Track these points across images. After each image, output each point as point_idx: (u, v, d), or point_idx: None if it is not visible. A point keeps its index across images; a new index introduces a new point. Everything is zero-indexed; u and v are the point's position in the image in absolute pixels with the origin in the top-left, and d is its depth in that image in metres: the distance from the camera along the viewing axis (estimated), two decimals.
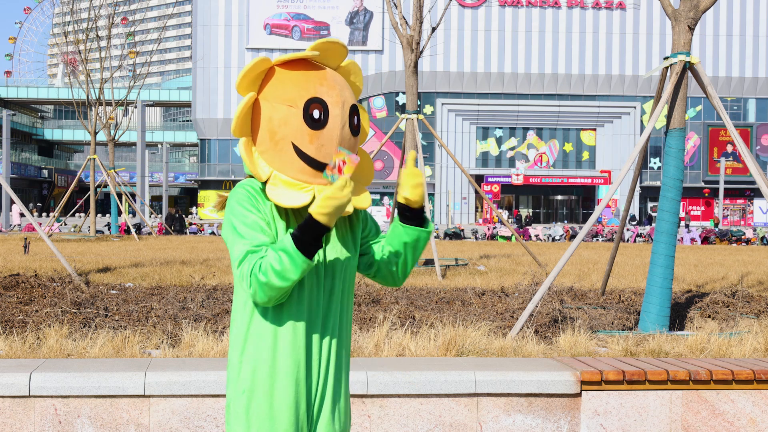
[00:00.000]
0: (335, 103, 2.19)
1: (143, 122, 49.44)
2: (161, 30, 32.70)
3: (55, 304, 7.33)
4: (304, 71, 2.20)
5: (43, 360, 4.92)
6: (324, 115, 2.17)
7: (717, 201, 57.37)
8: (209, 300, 7.70)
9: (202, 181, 68.15)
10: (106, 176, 28.07)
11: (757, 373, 4.84)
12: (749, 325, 6.68)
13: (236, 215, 2.17)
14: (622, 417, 4.79)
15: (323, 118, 2.17)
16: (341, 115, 2.20)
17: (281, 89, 2.17)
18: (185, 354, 5.37)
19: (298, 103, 2.16)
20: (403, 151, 14.69)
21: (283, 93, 2.17)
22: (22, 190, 75.32)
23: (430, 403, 4.68)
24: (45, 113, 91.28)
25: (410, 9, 14.50)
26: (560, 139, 65.78)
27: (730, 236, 32.70)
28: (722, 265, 15.51)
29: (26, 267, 11.84)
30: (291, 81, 2.18)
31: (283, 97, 2.17)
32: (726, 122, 6.95)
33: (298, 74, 2.19)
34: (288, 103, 2.16)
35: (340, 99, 2.21)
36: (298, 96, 2.16)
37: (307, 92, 2.17)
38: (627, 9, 64.92)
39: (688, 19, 7.00)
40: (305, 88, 2.17)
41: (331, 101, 2.19)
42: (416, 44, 14.32)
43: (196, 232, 35.22)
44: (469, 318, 6.84)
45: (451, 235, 33.91)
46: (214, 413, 4.56)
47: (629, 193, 8.18)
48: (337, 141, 2.20)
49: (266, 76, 2.21)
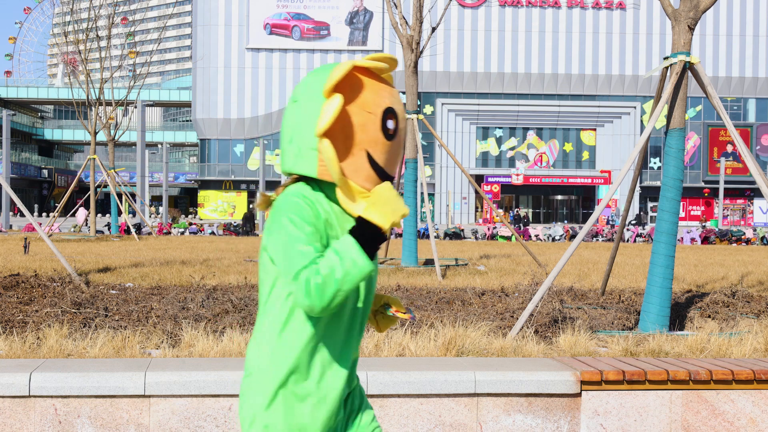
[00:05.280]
0: (402, 117, 2.20)
1: (143, 122, 49.44)
2: (161, 30, 32.69)
3: (55, 304, 7.33)
4: (377, 81, 2.17)
5: (43, 360, 4.92)
6: (396, 126, 2.16)
7: (717, 201, 57.34)
8: (209, 300, 7.70)
9: (202, 181, 68.13)
10: (106, 176, 28.06)
11: (757, 373, 4.84)
12: (749, 325, 6.68)
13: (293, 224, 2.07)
14: (622, 417, 4.79)
15: (395, 129, 2.16)
16: (404, 128, 2.21)
17: (361, 94, 2.13)
18: (185, 354, 5.37)
19: (376, 111, 2.13)
20: (402, 151, 14.67)
21: (363, 98, 2.13)
22: (22, 190, 75.31)
23: (430, 403, 4.68)
24: (45, 113, 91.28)
25: (410, 9, 14.50)
26: (560, 139, 65.78)
27: (730, 236, 32.69)
28: (722, 265, 15.51)
29: (26, 267, 11.84)
30: (369, 87, 2.14)
31: (363, 103, 2.12)
32: (726, 122, 6.95)
33: (373, 82, 2.16)
34: (368, 109, 2.12)
35: (404, 112, 2.21)
36: (375, 104, 2.13)
37: (384, 101, 2.14)
38: (627, 9, 64.91)
39: (688, 19, 7.00)
40: (381, 96, 2.14)
41: (400, 114, 2.19)
42: (416, 44, 14.32)
43: (196, 232, 35.20)
44: (469, 318, 6.83)
45: (451, 235, 33.91)
46: (214, 413, 4.56)
47: (629, 193, 8.18)
48: (400, 154, 2.21)
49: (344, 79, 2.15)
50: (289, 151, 2.17)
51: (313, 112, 2.12)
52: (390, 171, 2.17)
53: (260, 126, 65.42)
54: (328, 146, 2.08)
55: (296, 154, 2.15)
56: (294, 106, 2.18)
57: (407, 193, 14.43)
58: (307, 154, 2.13)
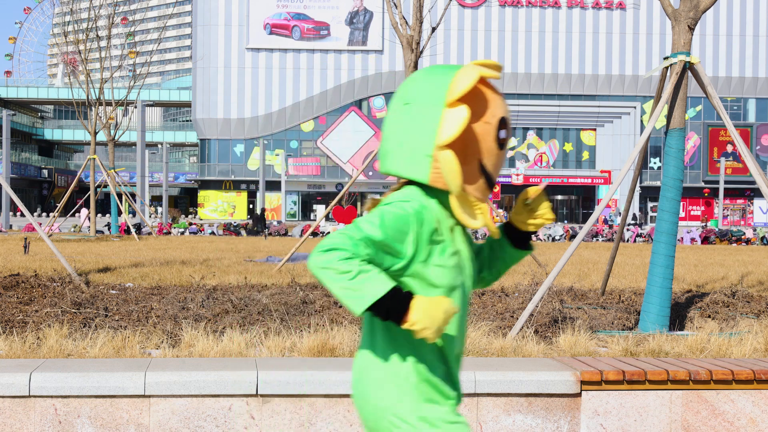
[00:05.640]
0: (510, 125, 2.17)
1: (143, 122, 49.41)
2: (161, 30, 32.69)
3: (55, 304, 7.33)
4: (491, 89, 2.13)
5: (43, 360, 4.92)
6: (507, 135, 2.14)
7: (717, 201, 57.37)
8: (209, 300, 7.70)
9: (202, 181, 68.14)
10: (106, 176, 28.06)
11: (757, 373, 4.84)
12: (749, 325, 6.68)
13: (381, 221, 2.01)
14: (622, 417, 4.79)
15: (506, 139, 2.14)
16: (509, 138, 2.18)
17: (480, 104, 2.09)
18: (185, 354, 5.37)
19: (492, 121, 2.10)
20: None
21: (482, 108, 2.09)
22: (22, 190, 75.33)
23: None
24: (45, 113, 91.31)
25: (410, 9, 14.50)
26: (560, 139, 65.81)
27: (730, 236, 32.69)
28: (722, 265, 15.51)
29: (26, 267, 11.84)
30: (487, 97, 2.11)
31: (481, 113, 2.09)
32: (726, 122, 6.95)
33: (489, 91, 2.12)
34: (485, 119, 2.09)
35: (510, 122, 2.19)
36: (491, 114, 2.10)
37: (498, 111, 2.11)
38: (627, 9, 64.94)
39: (688, 19, 7.00)
40: (497, 106, 2.12)
41: (509, 122, 2.16)
42: (416, 44, 14.32)
43: (196, 232, 35.20)
44: (469, 318, 6.84)
45: None
46: (214, 413, 4.56)
47: (629, 193, 8.18)
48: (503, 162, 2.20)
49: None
50: (398, 154, 2.11)
51: (431, 119, 2.07)
52: (495, 179, 2.16)
53: (260, 126, 65.45)
54: (451, 157, 2.05)
55: (408, 158, 2.10)
56: (405, 108, 2.11)
57: None
58: (420, 160, 2.08)
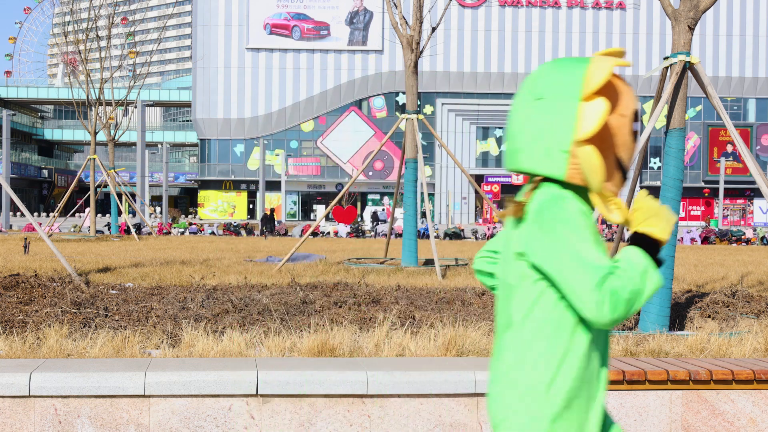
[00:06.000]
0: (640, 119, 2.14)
1: (143, 122, 49.44)
2: (161, 30, 32.70)
3: (55, 304, 7.33)
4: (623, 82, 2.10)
5: (43, 360, 4.91)
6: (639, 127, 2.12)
7: (717, 201, 57.36)
8: (209, 300, 7.70)
9: (202, 181, 68.15)
10: (106, 176, 28.07)
11: (757, 373, 4.84)
12: (749, 325, 6.68)
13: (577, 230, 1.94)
14: (622, 417, 4.79)
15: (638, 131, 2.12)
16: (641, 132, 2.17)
17: (615, 96, 2.06)
18: (185, 354, 5.37)
19: (627, 114, 2.07)
20: (402, 151, 14.67)
21: (616, 100, 2.06)
22: (22, 190, 75.35)
23: (430, 403, 4.68)
24: (45, 113, 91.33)
25: (410, 9, 14.50)
26: None
27: (730, 236, 32.69)
28: (722, 265, 15.51)
29: (26, 267, 11.84)
30: (621, 88, 2.07)
31: (616, 104, 2.05)
32: (726, 122, 6.95)
33: (622, 83, 2.09)
34: (621, 112, 2.06)
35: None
36: (626, 106, 2.07)
37: (632, 103, 2.08)
38: (627, 9, 64.96)
39: (688, 19, 7.00)
40: (631, 98, 2.07)
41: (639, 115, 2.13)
42: (416, 44, 14.32)
43: (196, 232, 35.20)
44: (469, 318, 6.83)
45: (451, 235, 33.93)
46: (214, 413, 4.56)
47: (629, 193, 8.18)
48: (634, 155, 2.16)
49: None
50: (531, 150, 2.06)
51: (568, 113, 2.02)
52: (628, 172, 2.12)
53: (260, 126, 65.44)
54: (592, 153, 2.00)
55: (543, 155, 2.04)
56: (538, 103, 2.06)
57: (407, 193, 14.41)
58: (556, 156, 2.03)
